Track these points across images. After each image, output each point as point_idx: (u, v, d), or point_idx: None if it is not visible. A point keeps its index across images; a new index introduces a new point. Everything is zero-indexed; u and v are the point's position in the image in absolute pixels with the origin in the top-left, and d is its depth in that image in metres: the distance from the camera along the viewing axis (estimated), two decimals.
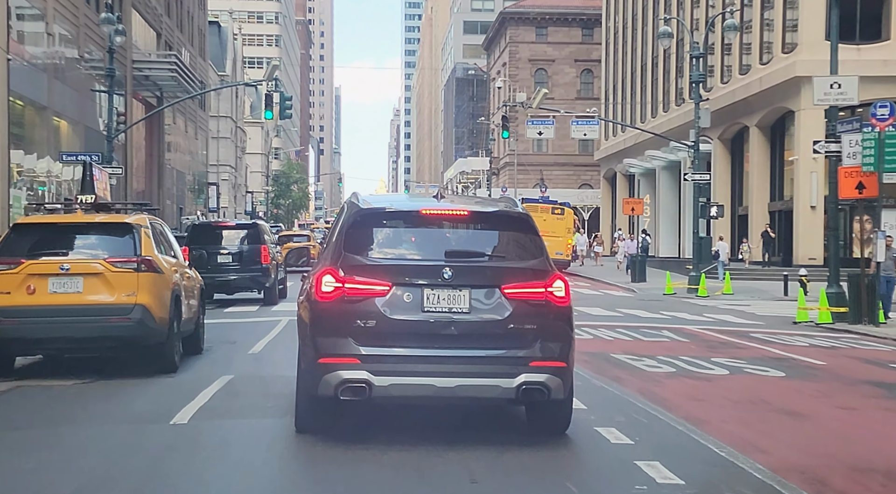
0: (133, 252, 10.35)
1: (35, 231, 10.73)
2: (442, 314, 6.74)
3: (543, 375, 6.73)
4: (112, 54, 30.32)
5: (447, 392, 6.72)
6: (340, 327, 6.73)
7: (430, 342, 6.72)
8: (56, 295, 9.98)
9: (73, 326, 10.01)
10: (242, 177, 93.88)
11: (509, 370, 6.72)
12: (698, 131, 30.83)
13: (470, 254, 6.98)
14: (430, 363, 6.69)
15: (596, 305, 22.96)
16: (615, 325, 17.17)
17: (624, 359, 11.97)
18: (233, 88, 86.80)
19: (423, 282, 6.77)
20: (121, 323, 10.08)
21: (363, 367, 6.65)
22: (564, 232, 42.39)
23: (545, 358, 6.77)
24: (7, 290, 9.91)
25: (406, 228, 7.16)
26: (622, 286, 33.33)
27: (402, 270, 6.86)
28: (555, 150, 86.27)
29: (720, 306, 24.32)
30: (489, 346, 6.75)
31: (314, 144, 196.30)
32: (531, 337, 6.77)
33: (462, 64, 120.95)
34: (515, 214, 7.34)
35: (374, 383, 6.65)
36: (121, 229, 10.66)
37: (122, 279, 10.15)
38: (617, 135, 63.78)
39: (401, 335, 6.73)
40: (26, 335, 10.04)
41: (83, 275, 10.07)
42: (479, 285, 6.80)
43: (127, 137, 47.58)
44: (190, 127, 65.15)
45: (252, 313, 19.13)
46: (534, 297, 6.82)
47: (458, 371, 6.69)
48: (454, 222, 7.17)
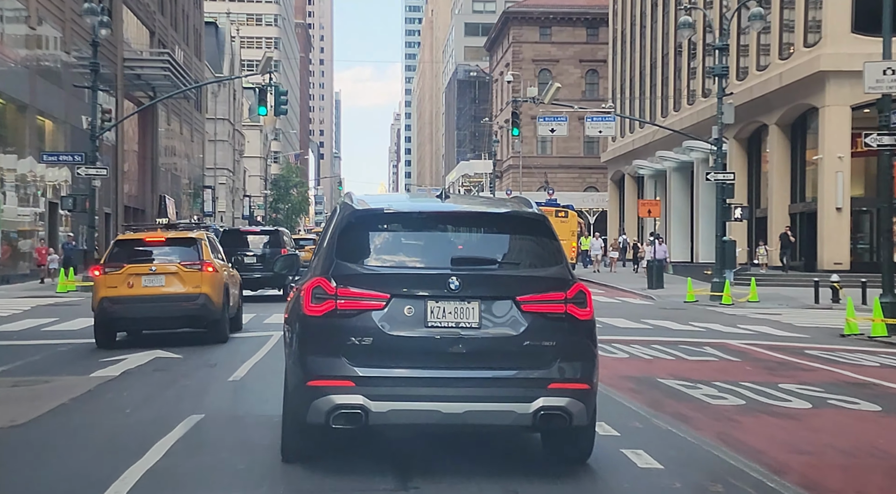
0: (197, 258, 14.61)
1: (131, 244, 15.07)
2: (448, 329, 5.87)
3: (564, 399, 5.86)
4: (96, 47, 28.45)
5: (455, 419, 5.84)
6: (332, 344, 5.86)
7: (435, 362, 5.86)
8: (147, 288, 14.26)
9: (158, 308, 14.23)
10: (240, 181, 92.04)
11: (525, 394, 5.85)
12: (721, 128, 28.95)
13: (479, 261, 6.10)
14: (434, 386, 5.82)
15: (618, 315, 21.08)
16: (647, 339, 15.28)
17: (676, 386, 10.07)
18: (230, 90, 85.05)
19: (427, 293, 5.92)
20: (190, 306, 14.25)
21: (358, 390, 5.79)
22: (569, 235, 40.57)
23: (566, 380, 5.90)
24: (114, 285, 14.19)
25: (407, 231, 6.30)
26: (639, 293, 31.43)
27: (402, 279, 5.99)
28: (559, 152, 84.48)
29: (751, 316, 22.43)
30: (502, 366, 5.89)
31: (314, 149, 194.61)
32: (550, 356, 5.91)
33: (464, 65, 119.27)
34: (530, 215, 6.39)
35: (371, 408, 5.78)
36: (188, 242, 14.92)
37: (191, 276, 14.38)
38: (625, 136, 61.93)
39: (401, 353, 5.86)
40: (127, 315, 14.22)
41: (165, 274, 14.37)
42: (490, 296, 5.94)
43: (118, 138, 45.77)
44: (185, 129, 63.30)
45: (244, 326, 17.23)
46: (553, 309, 5.96)
47: (466, 395, 5.82)
48: (461, 225, 6.32)
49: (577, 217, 41.77)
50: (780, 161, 38.97)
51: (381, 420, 5.82)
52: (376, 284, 5.91)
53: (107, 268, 14.51)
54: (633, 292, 31.83)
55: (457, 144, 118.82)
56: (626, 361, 12.25)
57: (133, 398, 9.01)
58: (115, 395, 9.14)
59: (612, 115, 34.55)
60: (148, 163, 52.76)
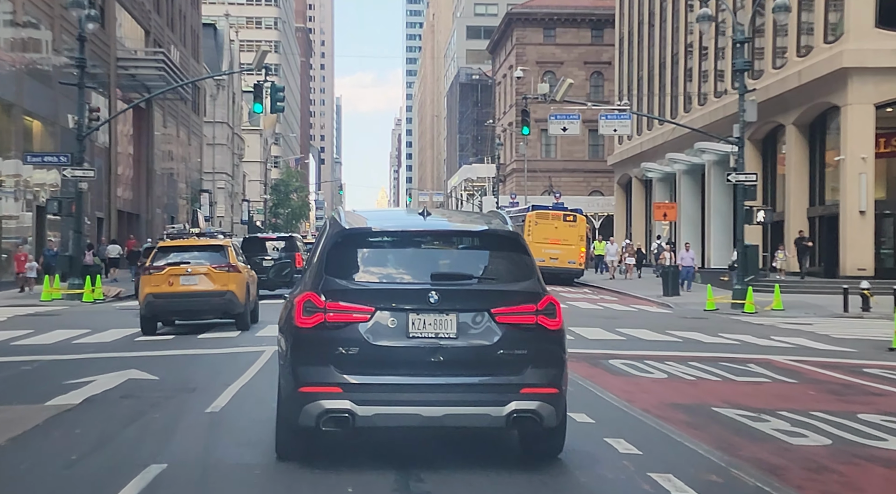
0: (225, 261, 17.55)
1: (171, 249, 18.29)
2: (428, 339, 6.36)
3: (535, 402, 6.36)
4: (83, 42, 26.93)
5: (434, 422, 6.35)
6: (322, 354, 6.34)
7: (416, 370, 6.33)
8: (184, 286, 17.05)
9: (193, 303, 17.20)
10: (240, 185, 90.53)
11: (499, 398, 6.33)
12: (743, 126, 27.46)
13: (457, 276, 6.56)
14: (416, 392, 6.29)
15: (639, 325, 19.54)
16: (681, 355, 13.74)
17: (738, 418, 8.50)
18: (229, 93, 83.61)
19: (409, 306, 6.39)
20: (219, 301, 17.22)
21: (346, 396, 6.27)
22: (577, 240, 38.99)
23: (537, 385, 6.39)
24: (157, 283, 16.95)
25: (391, 248, 6.75)
26: (654, 301, 29.88)
27: (386, 294, 6.47)
28: (564, 155, 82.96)
29: (781, 326, 20.89)
30: (478, 373, 6.36)
31: (315, 154, 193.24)
32: (522, 363, 6.39)
33: (466, 69, 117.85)
34: (505, 232, 6.95)
35: (358, 412, 6.27)
36: (218, 248, 18.21)
37: (220, 276, 17.21)
38: (632, 138, 60.39)
39: (385, 362, 6.33)
40: (167, 308, 17.24)
41: (198, 274, 17.16)
42: (467, 308, 6.42)
43: (111, 140, 44.27)
44: (183, 132, 61.81)
45: (230, 340, 15.69)
46: (524, 320, 6.44)
47: (445, 400, 6.30)
48: (441, 242, 6.79)
49: (585, 222, 40.15)
50: (797, 163, 37.42)
51: (366, 423, 6.27)
52: (362, 298, 6.35)
53: (151, 269, 17.57)
54: (648, 300, 30.29)
55: (459, 149, 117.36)
56: (668, 383, 10.71)
57: (86, 438, 7.43)
58: (65, 433, 7.56)
59: (628, 112, 32.98)
60: (143, 166, 51.26)
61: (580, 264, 38.89)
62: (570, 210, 39.91)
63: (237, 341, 15.58)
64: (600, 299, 30.83)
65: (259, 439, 7.13)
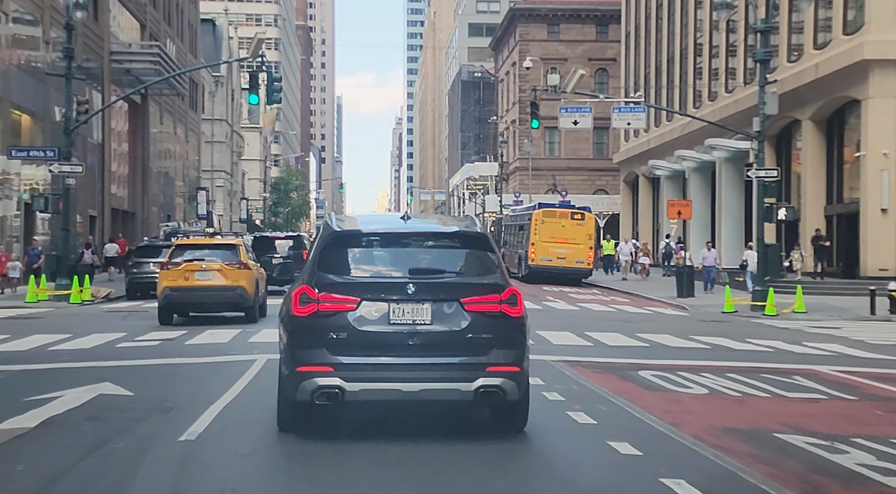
0: (237, 258, 19.19)
1: (188, 247, 20.12)
2: (406, 325, 7.24)
3: (499, 379, 7.24)
4: (70, 31, 25.63)
5: (412, 396, 7.28)
6: (316, 339, 7.23)
7: (396, 351, 7.22)
8: (199, 281, 18.70)
9: (206, 296, 18.83)
10: (239, 184, 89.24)
11: (468, 376, 7.22)
12: (763, 120, 26.17)
13: (431, 271, 7.50)
14: (396, 370, 7.20)
15: (660, 330, 18.27)
16: (715, 365, 12.46)
17: (809, 448, 7.14)
18: (228, 90, 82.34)
19: (390, 297, 7.26)
20: (230, 295, 18.80)
21: (336, 374, 7.14)
22: (585, 239, 37.69)
23: (501, 364, 7.26)
24: (175, 278, 18.62)
25: (374, 248, 7.71)
26: (668, 302, 28.60)
27: (370, 287, 7.37)
28: (568, 154, 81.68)
29: (808, 331, 19.63)
30: (449, 354, 7.22)
31: (315, 153, 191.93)
32: (488, 345, 7.26)
33: (468, 66, 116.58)
34: (474, 233, 7.89)
35: (346, 388, 7.15)
36: (230, 246, 20.01)
37: (231, 273, 18.83)
38: (639, 135, 59.12)
39: (369, 345, 7.21)
40: (183, 301, 18.93)
41: (212, 271, 18.76)
42: (439, 299, 7.29)
43: (104, 136, 42.99)
44: (180, 129, 60.52)
45: (220, 347, 14.42)
46: (490, 308, 7.30)
47: (421, 377, 7.19)
48: (418, 242, 7.78)
49: (594, 220, 38.85)
50: (814, 159, 36.11)
51: (354, 398, 7.17)
52: (349, 290, 7.26)
53: (169, 265, 19.20)
54: (661, 302, 29.00)
55: (461, 147, 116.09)
56: (712, 401, 9.43)
57: (27, 478, 6.07)
58: (5, 471, 6.25)
59: (643, 105, 31.64)
60: (139, 164, 49.99)
61: (589, 264, 37.62)
62: (578, 208, 38.63)
63: (228, 347, 14.31)
64: (611, 300, 29.56)
65: (240, 481, 5.85)
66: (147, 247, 29.69)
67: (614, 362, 12.59)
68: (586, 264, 37.47)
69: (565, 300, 28.59)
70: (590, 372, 11.41)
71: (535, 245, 37.35)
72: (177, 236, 34.80)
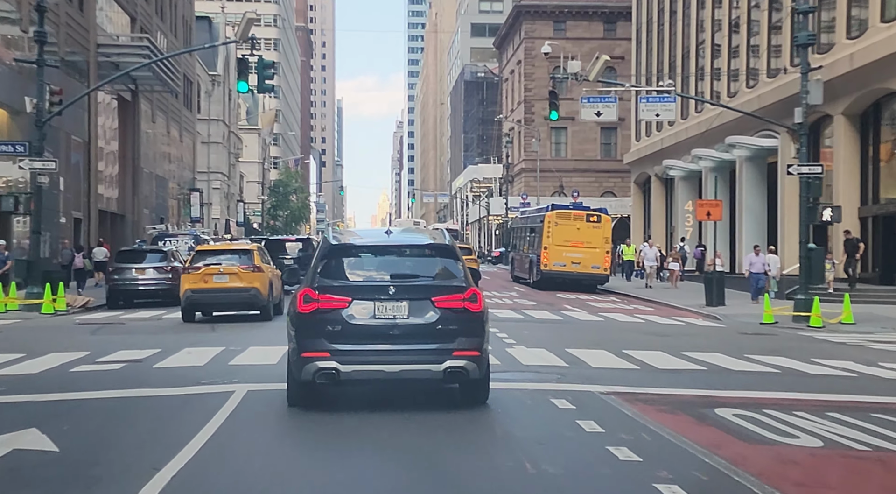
0: (251, 263, 21.20)
1: (206, 252, 22.29)
2: (388, 319, 8.99)
3: (463, 361, 8.97)
4: (42, 13, 23.24)
5: (393, 376, 9.02)
6: (316, 330, 8.98)
7: (380, 340, 8.96)
8: (217, 283, 20.81)
9: (224, 297, 20.87)
10: (237, 186, 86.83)
11: (438, 359, 8.94)
12: (806, 110, 23.79)
13: (408, 276, 9.26)
14: (380, 355, 8.95)
15: (706, 347, 15.89)
16: (806, 399, 10.06)
17: None
18: (225, 90, 79.99)
19: (375, 297, 9.03)
20: (245, 296, 20.80)
21: (333, 359, 8.91)
22: (602, 242, 35.28)
23: (464, 349, 8.98)
24: (195, 281, 20.77)
25: (363, 257, 9.55)
26: (698, 312, 26.21)
27: (359, 289, 9.13)
28: (574, 154, 79.33)
29: (873, 347, 17.31)
30: (423, 341, 8.97)
31: (315, 156, 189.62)
32: (453, 334, 8.98)
33: (470, 66, 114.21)
34: (442, 245, 9.61)
35: (341, 370, 8.92)
36: (245, 251, 21.89)
37: (246, 275, 20.89)
38: (651, 135, 56.77)
39: (359, 335, 8.96)
40: (203, 301, 21.06)
41: (229, 274, 20.89)
42: (415, 298, 9.03)
43: (90, 134, 40.59)
44: (174, 129, 58.13)
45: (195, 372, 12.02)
46: (455, 305, 9.03)
47: (400, 360, 8.95)
48: (398, 253, 9.62)
49: (610, 222, 36.45)
50: (847, 157, 33.72)
51: (347, 377, 8.99)
52: (343, 291, 9.09)
53: (190, 269, 21.00)
54: (690, 311, 26.60)
55: (463, 149, 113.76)
56: (841, 461, 6.98)
57: None
58: None
59: (673, 94, 29.22)
60: (129, 163, 47.61)
61: (605, 270, 35.20)
62: (593, 210, 36.23)
63: (202, 373, 11.93)
64: (634, 309, 27.17)
65: None
66: (129, 252, 27.37)
67: (678, 394, 10.22)
68: (602, 269, 35.07)
69: (585, 309, 26.22)
70: (655, 411, 9.05)
71: (549, 249, 34.98)
72: (164, 240, 32.44)
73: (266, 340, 15.81)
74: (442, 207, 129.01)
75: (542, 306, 27.16)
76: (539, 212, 37.72)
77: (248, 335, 17.15)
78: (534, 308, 26.22)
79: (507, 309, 25.45)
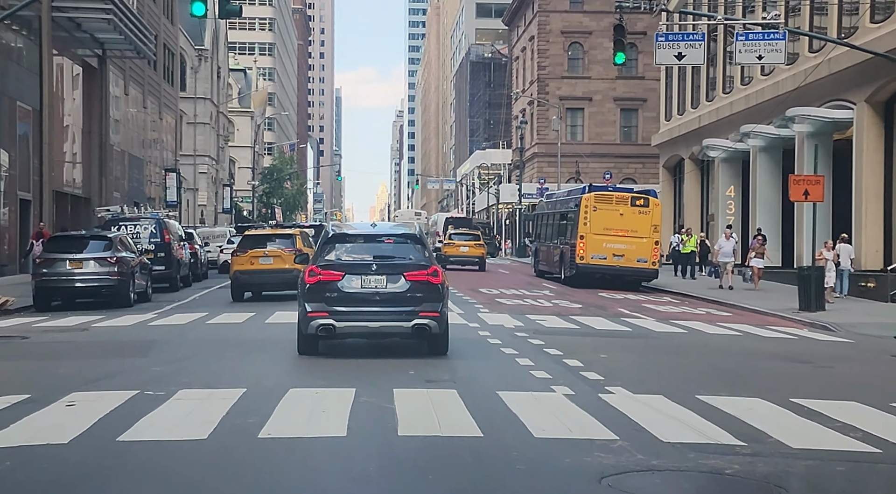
0: (294, 246, 23.18)
1: (254, 237, 24.32)
2: (371, 289, 12.02)
3: (426, 320, 11.98)
4: None
5: (375, 330, 12.21)
6: (318, 296, 12.00)
7: (366, 304, 12.00)
8: (262, 265, 22.71)
9: (269, 277, 22.79)
10: (226, 171, 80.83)
11: (408, 318, 11.97)
12: None
13: (386, 256, 12.38)
14: (366, 315, 11.99)
15: (885, 388, 10.02)
16: None
17: None
18: (212, 67, 73.94)
19: (361, 272, 12.07)
20: (288, 277, 21.52)
21: (330, 317, 11.93)
22: (649, 231, 29.51)
23: (427, 311, 11.99)
24: (243, 263, 22.85)
25: (354, 243, 12.70)
26: (794, 318, 20.33)
27: (350, 266, 12.19)
28: (592, 138, 73.43)
29: None
30: (397, 305, 11.99)
31: (313, 144, 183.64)
32: (419, 300, 12.00)
33: (477, 46, 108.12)
34: (412, 234, 13.02)
35: (337, 325, 11.95)
36: (288, 236, 24.01)
37: (289, 257, 22.69)
38: (684, 113, 50.90)
39: (350, 300, 11.98)
40: (249, 281, 22.97)
41: (273, 256, 22.82)
42: (391, 273, 12.08)
43: (41, 101, 34.34)
44: (152, 103, 52.16)
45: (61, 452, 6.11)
46: (420, 278, 12.08)
47: (380, 319, 12.02)
48: (379, 240, 12.83)
49: (660, 207, 30.53)
50: None
51: (341, 331, 12.05)
52: (338, 268, 12.15)
53: (238, 252, 23.46)
54: (783, 318, 20.73)
55: (469, 134, 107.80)
56: None
57: None
58: None
59: (782, 30, 23.10)
60: (95, 140, 41.68)
61: (653, 264, 29.34)
62: (639, 192, 30.43)
63: (67, 452, 6.03)
64: (708, 315, 21.32)
65: None
66: (63, 239, 21.60)
67: None
68: (650, 263, 29.23)
69: (649, 315, 20.38)
70: None
71: (586, 239, 29.17)
72: (117, 225, 26.55)
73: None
74: (445, 195, 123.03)
75: (592, 310, 21.32)
76: (572, 195, 31.80)
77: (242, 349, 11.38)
78: (582, 313, 20.40)
79: (551, 315, 19.62)
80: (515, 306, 21.96)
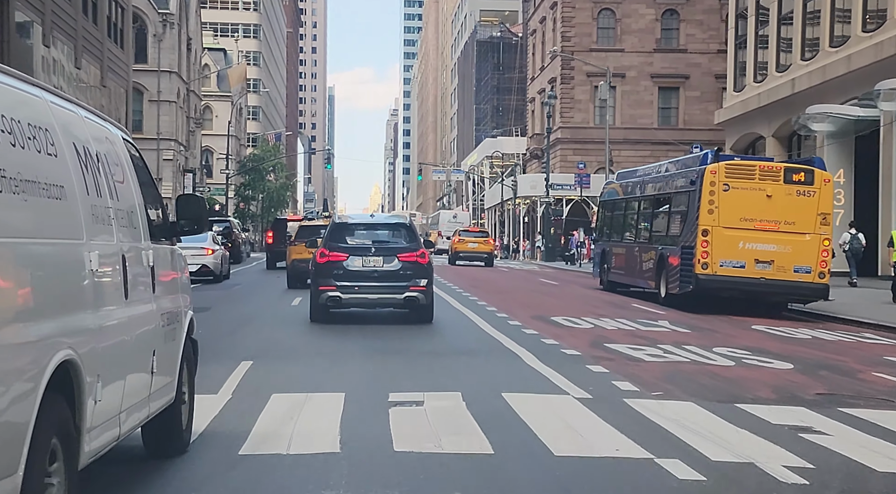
0: None
1: (307, 227, 26.89)
2: (370, 268, 15.07)
3: (416, 293, 15.07)
4: None
5: (373, 301, 15.39)
6: (327, 273, 15.10)
7: (366, 280, 15.06)
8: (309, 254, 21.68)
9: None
10: (197, 159, 69.74)
11: (400, 292, 15.06)
12: None
13: (383, 241, 15.58)
14: (366, 290, 15.09)
15: None
16: None
17: None
18: (180, 35, 62.82)
19: (363, 254, 15.16)
20: None
21: (337, 290, 15.03)
22: (813, 224, 18.70)
23: (416, 285, 15.04)
24: (300, 252, 23.98)
25: (356, 230, 15.95)
26: None
27: (353, 249, 15.30)
28: (625, 122, 62.67)
29: None
30: (391, 281, 15.03)
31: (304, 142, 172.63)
32: (410, 277, 15.04)
33: (484, 24, 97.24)
34: (404, 222, 16.65)
35: (342, 297, 15.12)
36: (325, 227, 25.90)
37: None
38: (766, 79, 40.26)
39: (353, 277, 15.04)
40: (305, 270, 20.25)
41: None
42: (387, 254, 15.16)
43: None
44: (91, 64, 41.18)
45: None
46: (411, 259, 15.16)
47: (378, 291, 15.14)
48: (377, 227, 16.31)
49: (832, 186, 19.44)
50: None
51: (346, 302, 15.24)
52: (343, 250, 15.25)
53: (295, 242, 25.72)
54: None
55: (475, 123, 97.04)
56: None
57: None
58: None
59: None
60: None
61: (821, 276, 18.44)
62: (797, 164, 19.70)
63: None
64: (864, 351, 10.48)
65: None
66: None
67: None
68: (817, 274, 18.37)
69: None
70: None
71: (712, 235, 18.38)
72: None
73: None
74: (447, 191, 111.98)
75: (797, 374, 10.49)
76: (682, 168, 20.67)
77: None
78: (799, 388, 9.57)
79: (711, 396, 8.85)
80: (664, 364, 11.16)
